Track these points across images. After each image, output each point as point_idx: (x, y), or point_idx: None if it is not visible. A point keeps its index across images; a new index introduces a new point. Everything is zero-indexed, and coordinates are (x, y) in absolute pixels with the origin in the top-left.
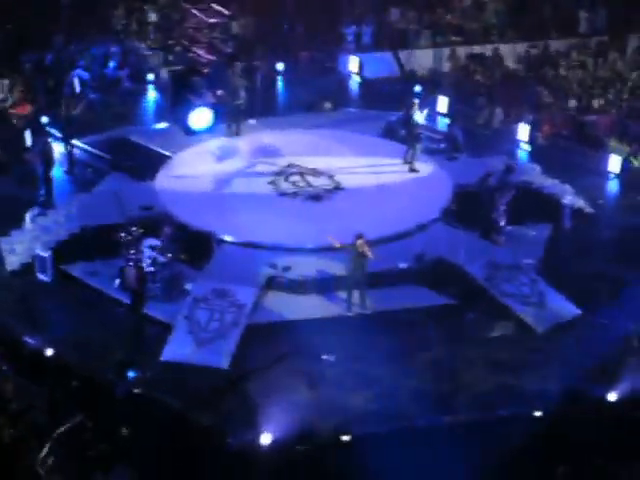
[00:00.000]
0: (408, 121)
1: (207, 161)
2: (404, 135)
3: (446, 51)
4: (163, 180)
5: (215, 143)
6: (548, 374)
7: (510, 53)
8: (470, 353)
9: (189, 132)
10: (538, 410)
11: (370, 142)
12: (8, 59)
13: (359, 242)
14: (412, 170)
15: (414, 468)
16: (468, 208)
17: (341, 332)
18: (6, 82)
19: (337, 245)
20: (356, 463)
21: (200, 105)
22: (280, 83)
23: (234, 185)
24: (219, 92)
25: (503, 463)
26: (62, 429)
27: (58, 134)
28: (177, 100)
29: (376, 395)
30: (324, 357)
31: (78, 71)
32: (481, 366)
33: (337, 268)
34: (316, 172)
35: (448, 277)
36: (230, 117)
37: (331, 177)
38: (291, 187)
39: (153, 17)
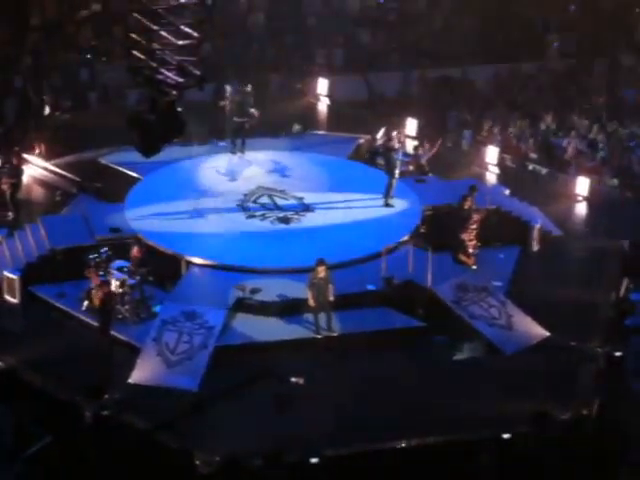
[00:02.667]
0: (385, 152)
1: (176, 182)
2: (381, 164)
3: (415, 73)
4: (132, 202)
5: (185, 164)
6: (517, 396)
7: (479, 75)
8: (438, 376)
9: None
10: (506, 433)
11: (339, 165)
12: None
13: (320, 269)
14: (387, 205)
15: None
16: (437, 230)
17: (310, 354)
18: None
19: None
20: None
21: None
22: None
23: (203, 206)
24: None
25: None
26: (30, 451)
27: (27, 155)
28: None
29: (344, 418)
30: (293, 380)
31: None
32: (449, 389)
33: (305, 291)
34: (285, 194)
35: (417, 299)
36: (234, 134)
37: (300, 199)
38: (260, 209)
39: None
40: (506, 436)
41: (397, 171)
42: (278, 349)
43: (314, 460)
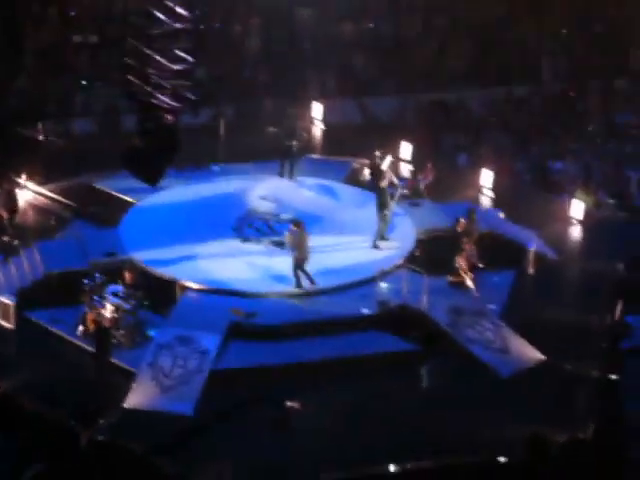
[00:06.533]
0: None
1: (171, 207)
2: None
3: (410, 98)
4: (126, 227)
5: (178, 191)
6: (512, 420)
7: (474, 99)
8: (433, 399)
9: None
10: (502, 456)
11: (333, 188)
12: None
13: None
14: (375, 247)
15: None
16: (432, 253)
17: (305, 379)
18: None
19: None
20: None
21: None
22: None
23: (198, 231)
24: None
25: None
26: (26, 476)
27: (22, 181)
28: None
29: (341, 441)
30: (289, 404)
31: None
32: (444, 412)
33: (300, 313)
34: (280, 218)
35: (412, 323)
36: (283, 157)
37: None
38: (255, 233)
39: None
40: (502, 460)
41: (388, 211)
42: (274, 373)
43: None
